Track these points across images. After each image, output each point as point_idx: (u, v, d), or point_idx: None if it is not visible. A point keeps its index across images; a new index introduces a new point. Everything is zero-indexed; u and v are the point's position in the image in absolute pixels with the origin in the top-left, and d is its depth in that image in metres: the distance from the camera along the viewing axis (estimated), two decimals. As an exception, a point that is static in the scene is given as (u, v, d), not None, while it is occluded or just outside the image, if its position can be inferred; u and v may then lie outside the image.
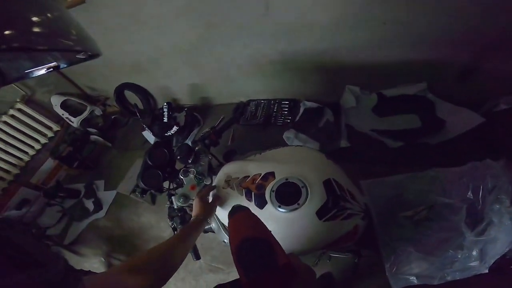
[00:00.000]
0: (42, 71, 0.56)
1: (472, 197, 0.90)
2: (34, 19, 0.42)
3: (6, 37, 0.37)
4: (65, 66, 0.57)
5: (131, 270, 0.62)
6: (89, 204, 2.59)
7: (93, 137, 3.01)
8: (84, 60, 0.57)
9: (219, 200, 1.02)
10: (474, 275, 0.84)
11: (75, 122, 2.92)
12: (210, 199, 1.03)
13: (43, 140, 2.84)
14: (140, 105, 2.75)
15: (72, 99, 2.97)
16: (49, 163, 2.90)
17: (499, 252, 0.80)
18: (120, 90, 2.81)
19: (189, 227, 0.89)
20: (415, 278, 0.90)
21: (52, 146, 2.89)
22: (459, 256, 0.85)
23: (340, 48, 1.70)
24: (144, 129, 2.61)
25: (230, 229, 0.55)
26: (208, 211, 0.95)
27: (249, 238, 0.51)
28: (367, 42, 1.60)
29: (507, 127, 1.51)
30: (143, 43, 2.17)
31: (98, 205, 2.55)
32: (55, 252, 0.46)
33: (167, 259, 0.71)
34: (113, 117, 3.19)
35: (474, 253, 0.83)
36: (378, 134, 1.83)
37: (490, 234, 0.81)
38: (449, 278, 0.87)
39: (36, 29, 0.42)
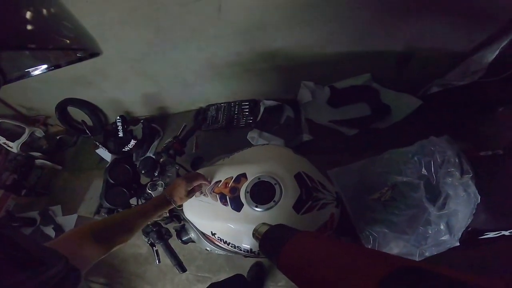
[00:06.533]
0: (43, 70, 0.55)
1: (426, 173, 0.95)
2: (35, 16, 0.41)
3: (6, 36, 0.35)
4: (66, 65, 0.57)
5: (95, 238, 0.65)
6: (50, 231, 2.40)
7: (38, 161, 2.71)
8: (84, 59, 0.56)
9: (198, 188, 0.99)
10: (448, 249, 0.90)
11: (14, 147, 2.60)
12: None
13: (-19, 171, 2.49)
14: (89, 122, 2.54)
15: (7, 121, 2.65)
16: (-6, 193, 2.57)
17: (463, 225, 0.85)
18: (62, 107, 2.55)
19: (155, 206, 0.88)
20: (396, 257, 0.95)
21: (-7, 176, 2.55)
22: (430, 232, 0.89)
23: (292, 46, 1.75)
24: (97, 147, 2.41)
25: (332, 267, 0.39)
26: (182, 198, 0.94)
27: (404, 268, 0.34)
28: (317, 38, 1.67)
29: (441, 106, 1.72)
30: (85, 53, 2.01)
31: (60, 231, 2.37)
32: (55, 251, 0.45)
33: (129, 237, 0.76)
34: (58, 137, 2.90)
35: (442, 227, 0.87)
36: (335, 125, 1.94)
37: (450, 207, 0.86)
38: (427, 254, 0.91)
39: (36, 27, 0.41)
